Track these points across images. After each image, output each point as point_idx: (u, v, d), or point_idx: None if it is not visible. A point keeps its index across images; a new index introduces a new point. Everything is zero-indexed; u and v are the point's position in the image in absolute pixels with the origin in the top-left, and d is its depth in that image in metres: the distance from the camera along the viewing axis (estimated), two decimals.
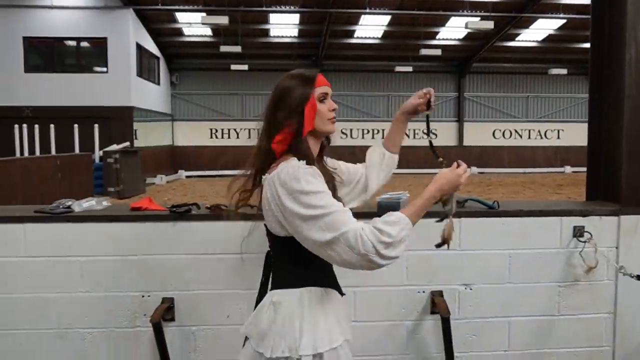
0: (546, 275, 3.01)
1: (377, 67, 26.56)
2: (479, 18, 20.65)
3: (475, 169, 26.05)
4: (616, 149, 3.13)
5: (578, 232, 2.97)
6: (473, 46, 25.65)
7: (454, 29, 23.43)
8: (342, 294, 2.04)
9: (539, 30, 24.15)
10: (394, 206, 2.85)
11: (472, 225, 2.96)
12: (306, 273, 1.91)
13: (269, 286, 2.02)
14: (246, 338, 1.98)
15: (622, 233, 3.04)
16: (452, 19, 22.41)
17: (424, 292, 2.97)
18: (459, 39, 24.98)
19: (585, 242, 2.93)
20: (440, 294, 2.95)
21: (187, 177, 23.71)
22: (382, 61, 26.13)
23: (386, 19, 22.74)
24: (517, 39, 25.05)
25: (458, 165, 1.92)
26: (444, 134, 27.60)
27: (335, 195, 1.95)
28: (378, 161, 2.36)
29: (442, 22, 23.11)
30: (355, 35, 24.58)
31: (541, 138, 28.45)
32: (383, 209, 2.88)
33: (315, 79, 1.96)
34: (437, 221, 1.97)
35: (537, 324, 3.05)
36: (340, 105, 27.71)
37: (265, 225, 1.92)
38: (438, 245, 1.95)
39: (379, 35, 24.51)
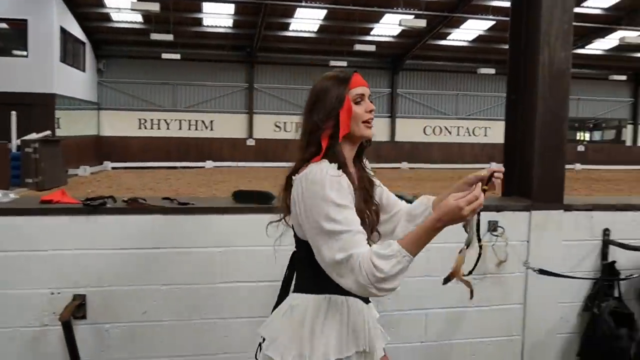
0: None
1: (312, 61, 26.58)
2: (412, 16, 21.02)
3: (405, 164, 26.60)
4: (529, 148, 3.26)
5: (492, 226, 3.07)
6: (406, 43, 26.13)
7: (388, 26, 23.77)
8: (367, 302, 2.00)
9: (470, 30, 24.87)
10: None
11: None
12: (327, 279, 1.81)
13: (292, 288, 2.00)
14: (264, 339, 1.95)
15: (532, 228, 3.17)
16: (387, 15, 22.72)
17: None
18: (393, 36, 25.37)
19: (498, 236, 3.04)
20: None
21: (113, 168, 22.94)
22: (317, 55, 26.18)
23: (322, 13, 22.79)
24: (448, 38, 25.70)
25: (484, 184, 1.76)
26: (377, 130, 27.94)
27: (369, 201, 1.98)
28: (419, 213, 2.14)
29: (376, 18, 23.39)
30: (290, 28, 24.51)
31: (469, 135, 29.36)
32: None
33: (350, 80, 1.92)
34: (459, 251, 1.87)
35: (452, 315, 3.15)
36: (275, 98, 27.64)
37: (292, 226, 1.90)
38: (445, 280, 1.86)
39: (315, 29, 24.54)
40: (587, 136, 32.39)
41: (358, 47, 22.52)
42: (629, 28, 22.08)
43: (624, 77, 29.26)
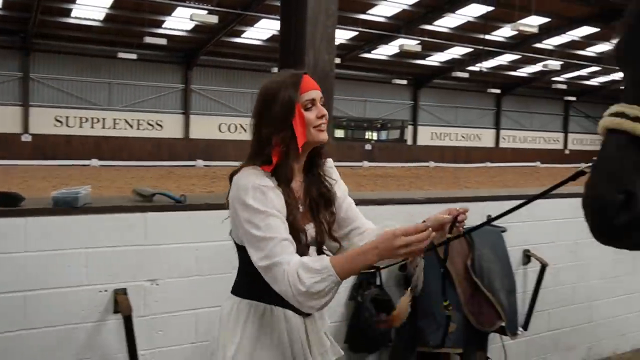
0: (231, 265, 3.08)
1: (98, 52, 24.95)
2: (205, 11, 20.83)
3: (201, 162, 26.33)
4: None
5: None
6: (200, 39, 25.84)
7: (181, 20, 23.27)
8: (302, 314, 1.90)
9: (264, 29, 25.42)
10: (69, 201, 2.65)
11: (158, 219, 2.90)
12: (253, 285, 1.81)
13: None
14: None
15: None
16: (179, 9, 22.22)
17: (106, 291, 2.80)
18: (186, 30, 24.91)
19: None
20: (123, 291, 2.82)
21: None
22: (103, 46, 24.63)
23: (108, 1, 21.48)
24: (243, 35, 25.99)
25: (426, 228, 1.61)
26: (170, 127, 27.33)
27: (328, 209, 1.91)
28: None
29: (168, 11, 22.74)
30: (72, 15, 22.70)
31: None
32: (59, 203, 2.65)
33: (300, 84, 1.79)
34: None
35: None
36: (56, 90, 25.37)
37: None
38: (381, 324, 1.75)
39: (101, 18, 23.05)
40: (374, 136, 35.33)
41: (148, 39, 21.70)
42: (408, 37, 24.49)
43: (405, 82, 32.44)
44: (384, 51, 28.97)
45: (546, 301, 4.09)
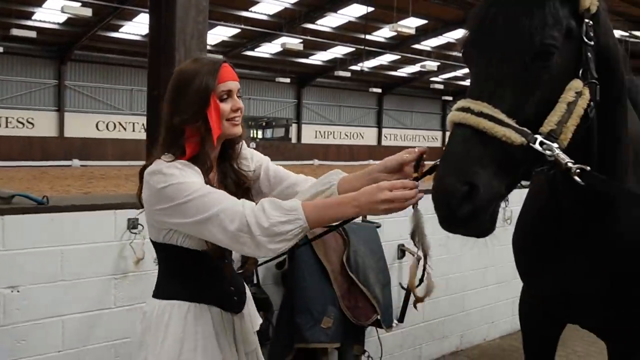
0: (101, 269, 2.99)
1: None
2: (78, 4, 19.70)
3: (77, 162, 24.94)
4: None
5: (132, 224, 3.03)
6: (74, 32, 24.42)
7: (52, 12, 21.83)
8: (235, 312, 1.86)
9: (143, 24, 24.48)
10: None
11: (18, 223, 2.73)
12: (175, 284, 1.74)
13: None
14: None
15: None
16: (49, 0, 20.84)
17: None
18: (58, 23, 23.42)
19: (136, 233, 3.01)
20: None
21: None
22: None
23: None
24: (120, 30, 24.90)
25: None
26: (42, 124, 25.64)
27: (247, 196, 1.80)
28: (321, 190, 1.84)
29: (37, 2, 21.25)
30: None
31: (145, 132, 29.02)
32: None
33: (219, 73, 1.69)
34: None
35: (95, 318, 3.01)
36: None
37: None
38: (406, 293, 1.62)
39: None
40: (259, 134, 35.27)
41: (16, 32, 20.18)
42: (291, 35, 24.66)
43: (288, 80, 32.64)
44: (267, 49, 29.01)
45: (421, 293, 4.31)
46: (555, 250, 2.14)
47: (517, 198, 5.02)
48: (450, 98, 40.26)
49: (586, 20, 1.61)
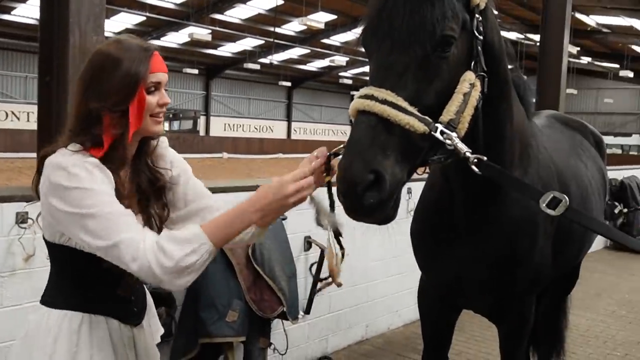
0: None
1: None
2: None
3: None
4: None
5: (21, 218, 2.83)
6: None
7: None
8: (134, 324, 1.69)
9: (37, 6, 23.04)
10: None
11: None
12: (68, 292, 1.57)
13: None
14: None
15: None
16: None
17: None
18: None
19: (26, 228, 2.81)
20: None
21: None
22: None
23: None
24: (12, 12, 23.31)
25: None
26: None
27: (159, 201, 1.68)
28: None
29: None
30: None
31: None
32: None
33: (150, 61, 1.52)
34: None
35: None
36: None
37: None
38: (318, 282, 1.45)
39: None
40: (167, 126, 34.24)
41: None
42: (199, 25, 24.06)
43: (196, 71, 31.84)
44: (173, 39, 28.18)
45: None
46: (448, 238, 2.25)
47: (420, 190, 5.25)
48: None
49: (477, 16, 1.68)
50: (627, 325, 5.50)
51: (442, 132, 1.52)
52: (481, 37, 1.68)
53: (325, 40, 28.86)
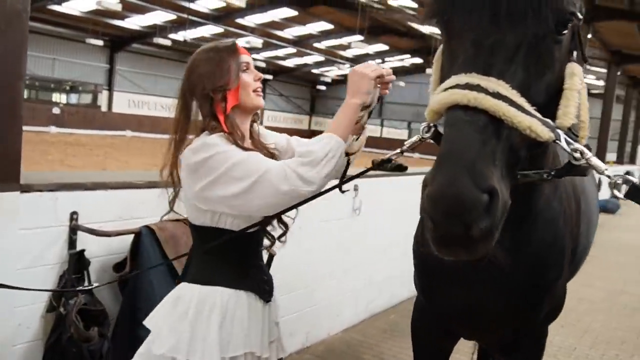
0: None
1: None
2: None
3: None
4: None
5: None
6: None
7: None
8: (266, 300, 1.90)
9: None
10: None
11: None
12: (217, 271, 1.80)
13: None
14: None
15: None
16: None
17: None
18: None
19: None
20: None
21: None
22: None
23: None
24: None
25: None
26: None
27: None
28: None
29: None
30: None
31: None
32: None
33: (235, 48, 1.82)
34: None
35: None
36: None
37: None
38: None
39: None
40: (63, 98, 31.73)
41: None
42: None
43: (101, 43, 29.68)
44: (76, 5, 26.06)
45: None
46: (463, 263, 1.88)
47: (366, 189, 4.95)
48: (271, 77, 40.34)
49: None
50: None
51: (566, 142, 1.14)
52: (582, 19, 1.29)
53: (239, 20, 28.00)
